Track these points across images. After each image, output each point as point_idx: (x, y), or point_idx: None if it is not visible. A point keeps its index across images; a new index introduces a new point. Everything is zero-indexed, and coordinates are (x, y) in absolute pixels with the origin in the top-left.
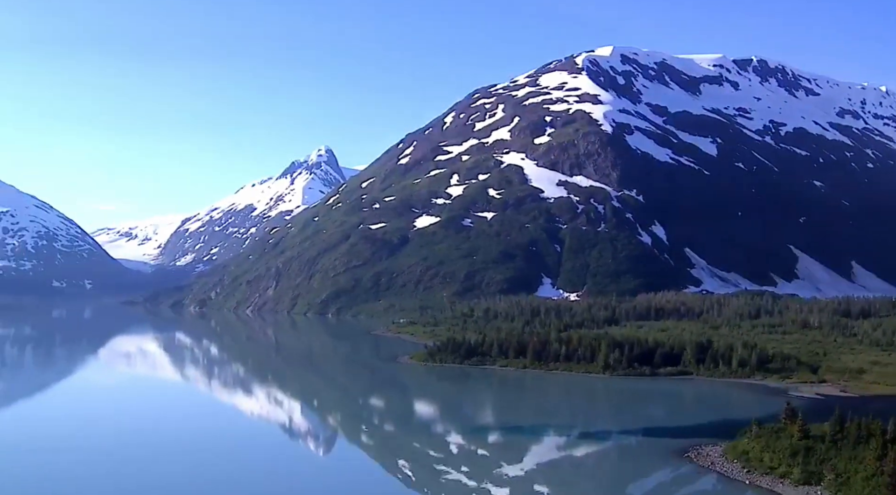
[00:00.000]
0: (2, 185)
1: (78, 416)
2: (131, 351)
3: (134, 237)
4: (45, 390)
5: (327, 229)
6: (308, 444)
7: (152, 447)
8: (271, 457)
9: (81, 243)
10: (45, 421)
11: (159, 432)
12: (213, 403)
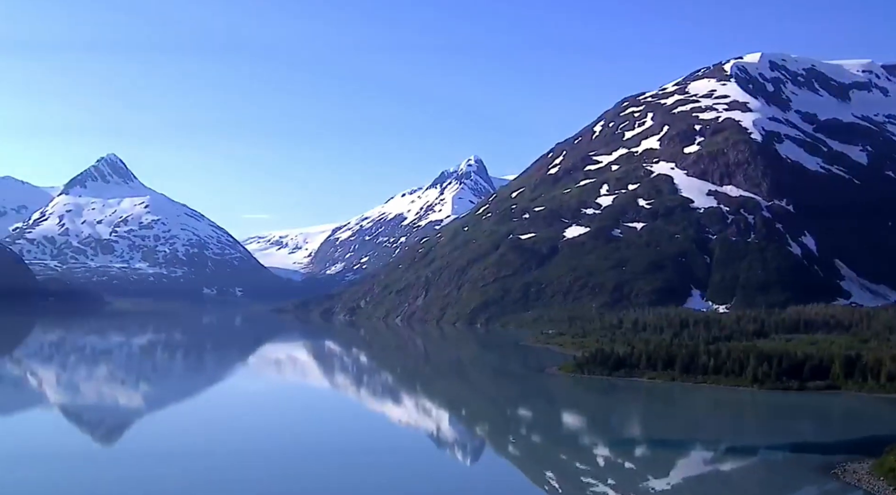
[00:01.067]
0: (154, 195)
1: (226, 421)
2: (281, 358)
3: (284, 246)
4: (195, 395)
5: (477, 239)
6: (455, 453)
7: (298, 452)
8: (418, 465)
9: (232, 251)
10: (195, 426)
11: (306, 438)
12: (361, 411)
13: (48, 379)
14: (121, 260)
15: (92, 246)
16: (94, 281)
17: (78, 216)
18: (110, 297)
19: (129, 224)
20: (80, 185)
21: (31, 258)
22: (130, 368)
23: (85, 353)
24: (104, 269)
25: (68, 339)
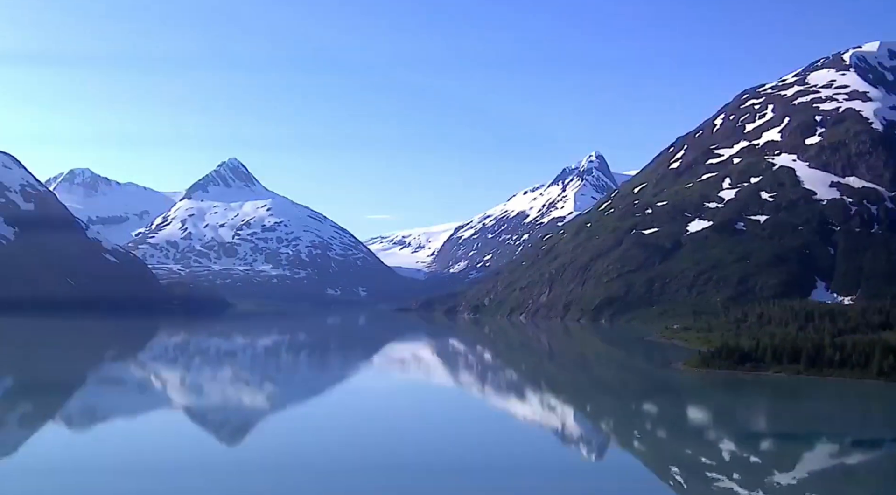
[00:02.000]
0: (276, 198)
1: (352, 424)
2: (405, 356)
3: (407, 245)
4: (320, 396)
5: (600, 235)
6: (580, 449)
7: (423, 449)
8: (543, 461)
9: (355, 252)
10: (318, 430)
11: (430, 435)
12: (485, 407)
13: (172, 382)
14: (244, 262)
15: (215, 249)
16: (218, 283)
17: (200, 220)
18: (234, 300)
19: (252, 227)
20: (202, 190)
21: (155, 262)
22: (255, 369)
23: (209, 355)
24: (227, 272)
25: (192, 342)
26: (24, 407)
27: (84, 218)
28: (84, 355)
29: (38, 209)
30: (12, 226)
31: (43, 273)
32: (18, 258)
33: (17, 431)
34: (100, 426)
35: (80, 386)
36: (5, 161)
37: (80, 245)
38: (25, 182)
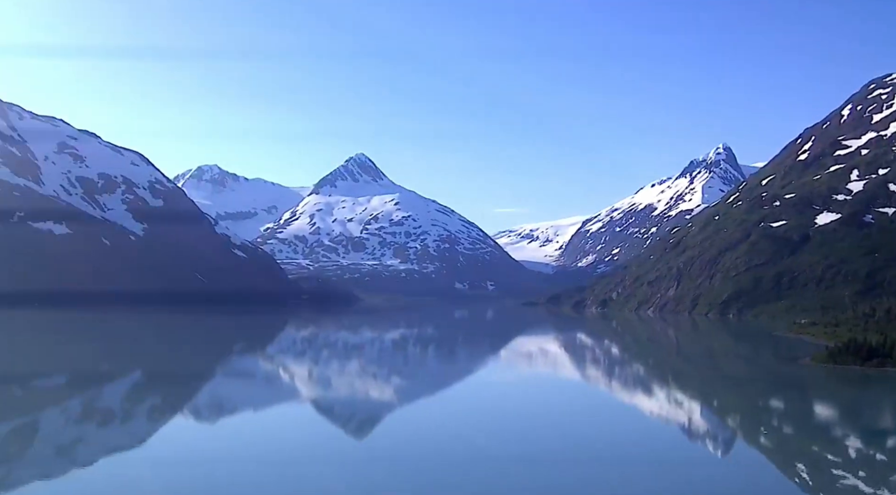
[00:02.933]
0: (403, 192)
1: (480, 417)
2: (532, 350)
3: (535, 239)
4: (449, 386)
5: (727, 228)
6: (706, 445)
7: (547, 440)
8: (668, 457)
9: (483, 246)
10: (448, 423)
11: (556, 426)
12: (612, 401)
13: (300, 375)
14: (372, 257)
15: (343, 244)
16: (346, 278)
17: (328, 215)
18: (362, 294)
19: (380, 221)
20: (330, 185)
21: (283, 257)
22: (382, 362)
23: (336, 349)
24: (356, 267)
25: (321, 335)
26: (155, 398)
27: (212, 213)
28: (213, 348)
29: (167, 205)
30: (141, 221)
31: (172, 268)
32: (148, 253)
33: (149, 423)
34: (228, 417)
35: (209, 378)
36: (133, 158)
37: (208, 240)
38: (154, 179)
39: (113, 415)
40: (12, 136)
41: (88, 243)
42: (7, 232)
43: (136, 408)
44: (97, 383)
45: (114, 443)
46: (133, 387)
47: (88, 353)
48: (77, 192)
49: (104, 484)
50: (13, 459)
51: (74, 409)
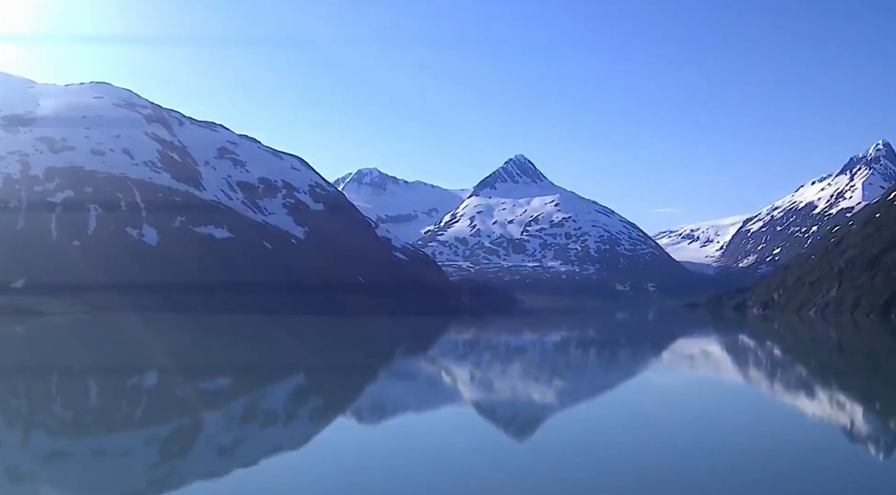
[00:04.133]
0: (563, 193)
1: (642, 412)
2: (694, 352)
3: (695, 239)
4: (611, 389)
5: (889, 226)
6: (868, 447)
7: (712, 443)
8: (828, 460)
9: (643, 247)
10: (609, 420)
11: (722, 429)
12: (773, 404)
13: (462, 377)
14: (532, 258)
15: (504, 245)
16: (507, 280)
17: (489, 217)
18: (522, 296)
19: (540, 223)
20: (489, 187)
21: (444, 259)
22: (543, 365)
23: (499, 351)
24: (516, 268)
25: (482, 337)
26: (318, 401)
27: (373, 217)
28: (375, 351)
29: (328, 209)
30: (302, 225)
31: (333, 271)
32: (309, 257)
33: (314, 425)
34: (391, 419)
35: (372, 380)
36: (294, 163)
37: (369, 243)
38: (314, 183)
39: (281, 415)
40: (172, 142)
41: (249, 246)
42: (169, 236)
43: (299, 409)
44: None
45: (275, 443)
46: (299, 388)
47: (273, 354)
48: (238, 197)
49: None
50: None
51: (247, 408)
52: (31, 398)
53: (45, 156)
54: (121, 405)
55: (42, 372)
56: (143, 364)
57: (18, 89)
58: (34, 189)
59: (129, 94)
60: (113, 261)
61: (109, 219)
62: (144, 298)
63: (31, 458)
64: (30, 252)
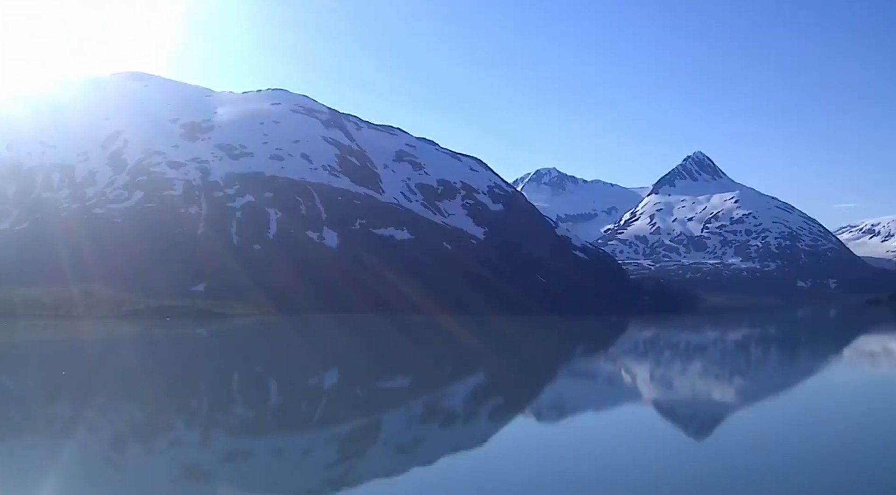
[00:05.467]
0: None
1: (826, 414)
2: (876, 350)
3: (876, 234)
4: (793, 388)
5: None
6: None
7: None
8: None
9: (824, 242)
10: (792, 421)
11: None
12: None
13: (642, 375)
14: (713, 256)
15: (684, 243)
16: (687, 278)
17: (668, 214)
18: (703, 294)
19: (720, 219)
20: (668, 184)
21: (624, 258)
22: (724, 363)
23: (679, 349)
24: (696, 266)
25: (662, 336)
26: (496, 400)
27: (552, 216)
28: (555, 350)
29: (507, 209)
30: (482, 226)
31: (513, 271)
32: (488, 257)
33: (490, 424)
34: (569, 418)
35: (550, 379)
36: (472, 164)
37: (549, 243)
38: (493, 183)
39: (479, 413)
40: (350, 146)
41: (430, 248)
42: (349, 238)
43: (479, 409)
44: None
45: (456, 443)
46: (479, 389)
47: (458, 354)
48: (417, 199)
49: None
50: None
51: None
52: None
53: (225, 163)
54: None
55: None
56: (333, 363)
57: (196, 98)
58: (214, 195)
59: (306, 99)
60: (293, 263)
61: (290, 223)
62: (325, 300)
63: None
64: (211, 256)
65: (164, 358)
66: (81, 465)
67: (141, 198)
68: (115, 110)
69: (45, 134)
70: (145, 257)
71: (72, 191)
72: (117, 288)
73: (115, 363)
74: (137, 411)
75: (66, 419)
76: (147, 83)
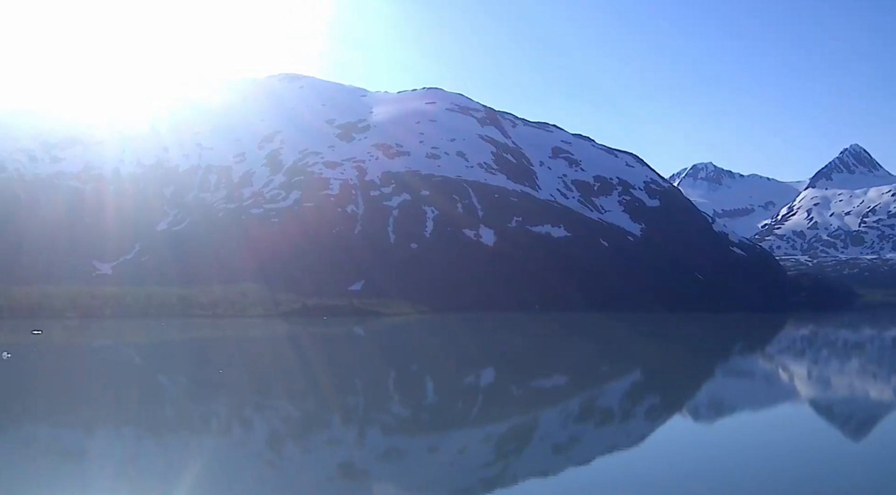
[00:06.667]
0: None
1: None
2: None
3: None
4: None
5: None
6: None
7: None
8: None
9: None
10: None
11: None
12: None
13: (799, 374)
14: (871, 251)
15: (841, 238)
16: (845, 273)
17: (825, 209)
18: (860, 289)
19: (877, 213)
20: (825, 178)
21: (781, 253)
22: (882, 362)
23: (836, 347)
24: (854, 261)
25: (820, 333)
26: (653, 399)
27: (709, 211)
28: (718, 348)
29: (663, 205)
30: (638, 222)
31: (670, 268)
32: (645, 254)
33: (647, 423)
34: (727, 417)
35: (708, 378)
36: (628, 160)
37: (706, 239)
38: (649, 179)
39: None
40: (506, 144)
41: (587, 245)
42: (505, 236)
43: (635, 408)
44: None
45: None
46: (639, 387)
47: (619, 352)
48: (573, 196)
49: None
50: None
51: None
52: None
53: (381, 162)
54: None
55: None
56: (491, 361)
57: (352, 98)
58: (370, 194)
59: (461, 97)
60: (450, 262)
61: (446, 221)
62: (481, 298)
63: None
64: (368, 255)
65: (326, 355)
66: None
67: (298, 198)
68: (271, 111)
69: (200, 136)
70: (302, 257)
71: (229, 191)
72: (273, 287)
73: (280, 360)
74: (293, 409)
75: (231, 415)
76: (302, 84)
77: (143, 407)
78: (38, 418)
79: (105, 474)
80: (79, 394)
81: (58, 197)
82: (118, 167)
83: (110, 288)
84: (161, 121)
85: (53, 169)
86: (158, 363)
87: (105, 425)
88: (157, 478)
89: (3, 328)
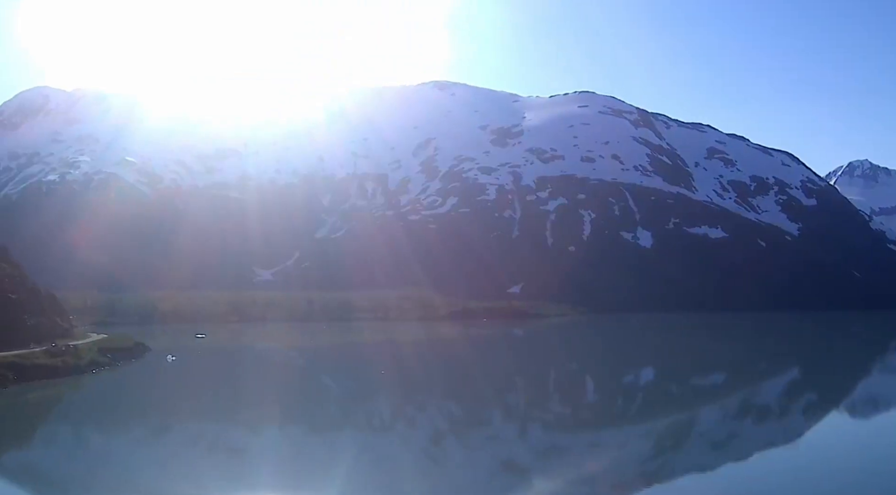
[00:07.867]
0: None
1: None
2: None
3: None
4: None
5: None
6: None
7: None
8: None
9: None
10: None
11: None
12: None
13: None
14: None
15: None
16: None
17: None
18: None
19: None
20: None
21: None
22: None
23: None
24: None
25: None
26: (799, 398)
27: (865, 209)
28: (865, 349)
29: (820, 203)
30: (795, 222)
31: (828, 266)
32: (803, 253)
33: (783, 422)
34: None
35: (864, 376)
36: (783, 159)
37: (863, 237)
38: (805, 178)
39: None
40: (661, 145)
41: (744, 245)
42: (663, 237)
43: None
44: None
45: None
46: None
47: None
48: (730, 196)
49: None
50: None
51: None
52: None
53: (535, 166)
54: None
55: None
56: (652, 361)
57: (504, 104)
58: (526, 198)
59: (614, 100)
60: (608, 264)
61: (603, 224)
62: (639, 299)
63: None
64: (526, 258)
65: (492, 354)
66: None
67: (455, 204)
68: (424, 119)
69: (355, 144)
70: (460, 261)
71: (386, 198)
72: (433, 291)
73: (451, 359)
74: (455, 408)
75: (396, 414)
76: (454, 92)
77: (320, 405)
78: (205, 418)
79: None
80: (250, 395)
81: (215, 206)
82: (274, 177)
83: (272, 292)
84: (315, 131)
85: (210, 179)
86: (329, 365)
87: (281, 424)
88: (321, 471)
89: (168, 332)
